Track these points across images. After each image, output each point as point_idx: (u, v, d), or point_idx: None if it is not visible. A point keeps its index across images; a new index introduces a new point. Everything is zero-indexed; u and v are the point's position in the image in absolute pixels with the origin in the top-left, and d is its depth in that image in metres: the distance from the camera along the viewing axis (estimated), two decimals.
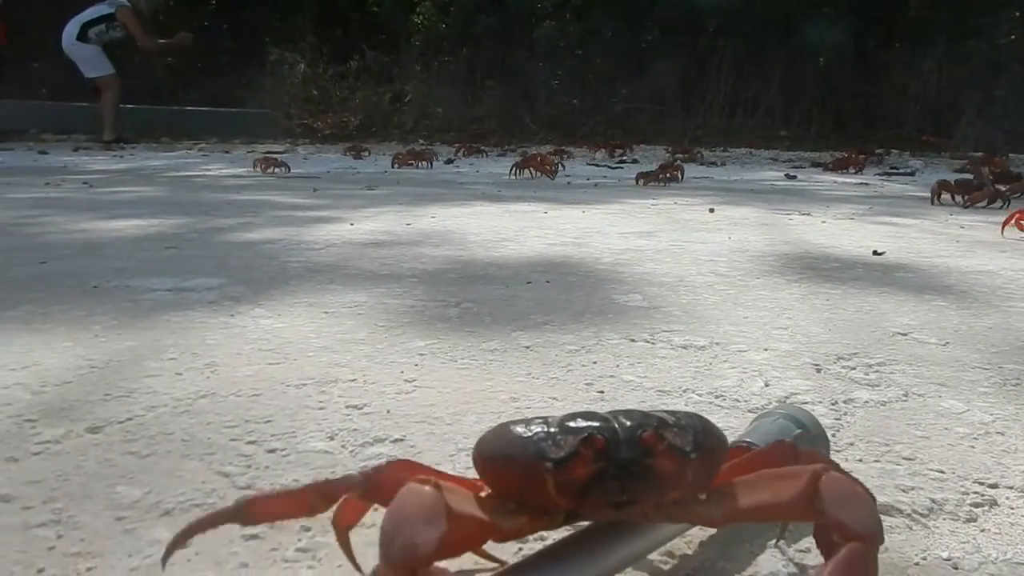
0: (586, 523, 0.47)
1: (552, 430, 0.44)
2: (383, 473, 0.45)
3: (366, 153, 5.61)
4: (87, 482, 0.62)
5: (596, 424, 0.43)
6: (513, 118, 7.93)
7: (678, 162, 4.39)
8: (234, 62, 8.52)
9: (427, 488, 0.41)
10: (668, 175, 3.70)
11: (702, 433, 0.45)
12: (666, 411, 0.46)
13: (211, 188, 3.16)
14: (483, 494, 0.46)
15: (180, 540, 0.45)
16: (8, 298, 1.20)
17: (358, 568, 0.49)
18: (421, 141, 6.82)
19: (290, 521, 0.56)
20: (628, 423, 0.43)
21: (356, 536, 0.49)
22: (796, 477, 0.44)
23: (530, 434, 0.44)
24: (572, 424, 0.44)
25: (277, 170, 3.96)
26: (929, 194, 3.01)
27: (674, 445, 0.43)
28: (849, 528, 0.40)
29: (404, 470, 0.45)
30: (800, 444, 0.54)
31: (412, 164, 4.61)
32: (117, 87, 6.14)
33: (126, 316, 1.12)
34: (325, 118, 8.12)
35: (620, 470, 0.42)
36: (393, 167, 4.53)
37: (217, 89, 8.28)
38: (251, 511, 0.45)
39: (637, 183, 3.58)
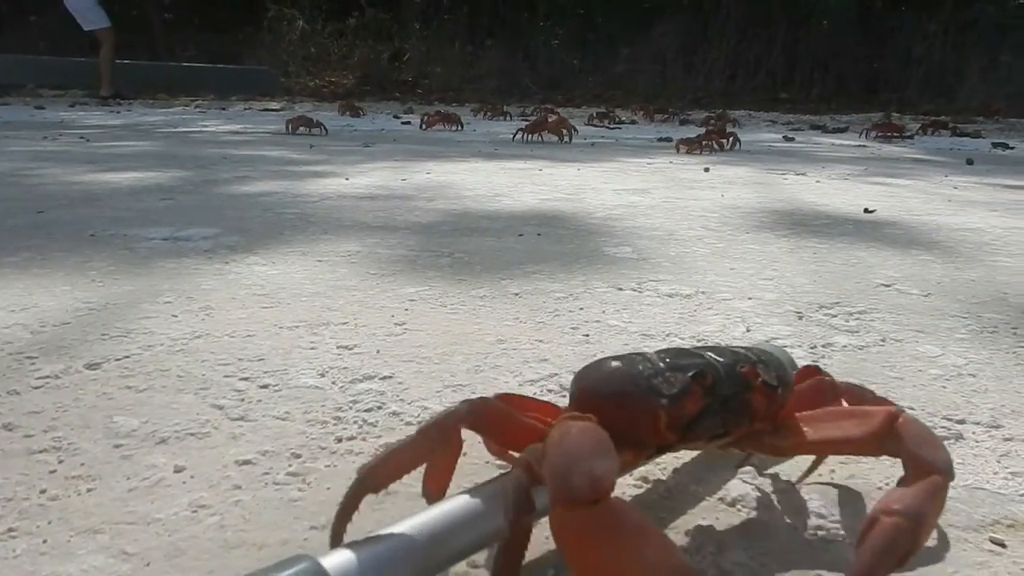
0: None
1: (660, 366, 0.45)
2: (489, 404, 0.44)
3: (362, 112, 5.58)
4: (86, 413, 0.64)
5: (699, 361, 0.45)
6: (513, 78, 7.86)
7: (727, 129, 3.95)
8: (232, 18, 8.43)
9: (590, 424, 0.41)
10: (712, 142, 3.29)
11: (782, 368, 0.47)
12: (743, 347, 0.48)
13: (208, 144, 3.16)
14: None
15: (338, 529, 0.41)
16: (7, 245, 1.22)
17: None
18: (436, 101, 6.76)
19: (284, 449, 0.59)
20: (723, 359, 0.46)
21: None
22: (869, 416, 0.46)
23: (640, 371, 0.45)
24: (677, 361, 0.45)
25: (312, 130, 3.73)
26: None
27: (766, 380, 0.46)
28: (931, 464, 0.43)
29: (506, 400, 0.46)
30: None
31: (442, 126, 4.38)
32: (113, 41, 6.08)
33: (123, 263, 1.14)
34: (323, 76, 8.06)
35: (722, 405, 0.44)
36: (422, 128, 4.38)
37: (215, 45, 8.20)
38: (374, 477, 0.42)
39: (677, 151, 3.25)
